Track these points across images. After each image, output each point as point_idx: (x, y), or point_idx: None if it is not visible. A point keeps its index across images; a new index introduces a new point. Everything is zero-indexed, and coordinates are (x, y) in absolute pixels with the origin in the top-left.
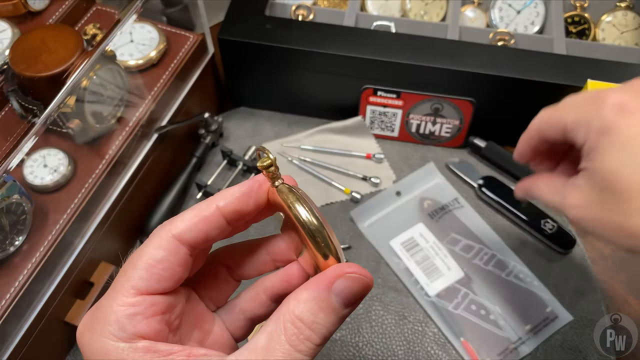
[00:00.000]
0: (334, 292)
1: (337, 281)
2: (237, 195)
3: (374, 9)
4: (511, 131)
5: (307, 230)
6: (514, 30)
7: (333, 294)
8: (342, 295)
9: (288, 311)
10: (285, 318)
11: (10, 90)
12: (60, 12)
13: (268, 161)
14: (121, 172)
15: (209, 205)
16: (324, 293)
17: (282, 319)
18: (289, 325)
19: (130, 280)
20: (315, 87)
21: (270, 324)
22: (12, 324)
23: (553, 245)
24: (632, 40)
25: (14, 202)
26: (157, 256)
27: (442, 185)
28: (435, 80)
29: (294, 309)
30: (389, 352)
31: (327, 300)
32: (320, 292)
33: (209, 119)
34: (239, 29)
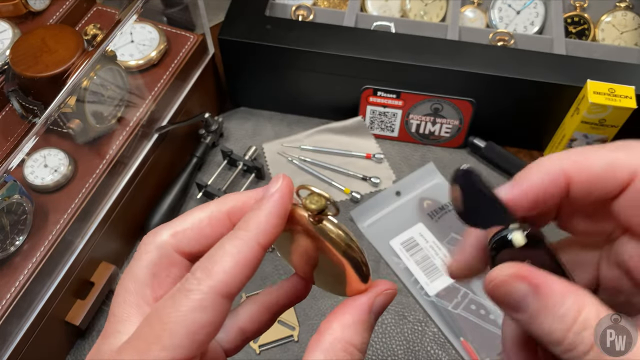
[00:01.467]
0: (373, 311)
1: (376, 300)
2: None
3: (374, 9)
4: (511, 131)
5: (354, 263)
6: (514, 31)
7: (372, 313)
8: (379, 311)
9: (337, 339)
10: (336, 347)
11: (11, 90)
12: (61, 13)
13: (320, 203)
14: (121, 172)
15: (249, 244)
16: (366, 315)
17: (332, 348)
18: (342, 353)
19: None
20: (315, 87)
21: (317, 354)
22: (12, 323)
23: None
24: (631, 40)
25: (14, 202)
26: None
27: (442, 185)
28: (435, 80)
29: (343, 336)
30: (389, 352)
31: (370, 320)
32: (363, 314)
33: (209, 119)
34: (239, 29)
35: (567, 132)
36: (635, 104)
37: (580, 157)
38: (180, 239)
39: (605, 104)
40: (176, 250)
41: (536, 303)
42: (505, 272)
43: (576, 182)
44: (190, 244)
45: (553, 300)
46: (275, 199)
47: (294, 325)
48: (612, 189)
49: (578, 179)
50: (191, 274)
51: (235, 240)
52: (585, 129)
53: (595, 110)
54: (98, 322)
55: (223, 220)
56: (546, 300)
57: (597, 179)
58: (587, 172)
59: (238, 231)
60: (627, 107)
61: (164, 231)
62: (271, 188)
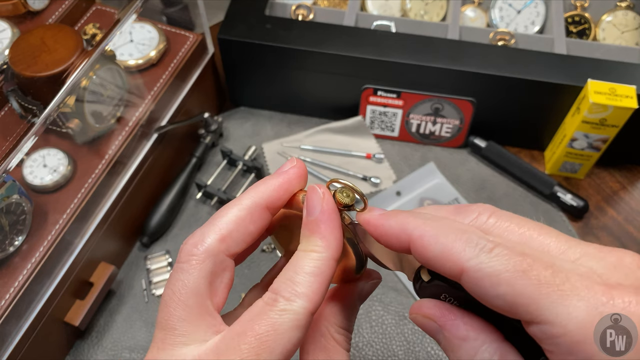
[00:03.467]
0: (359, 299)
1: (364, 288)
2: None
3: (374, 9)
4: (512, 131)
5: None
6: (514, 30)
7: (359, 298)
8: (364, 298)
9: (331, 323)
10: (331, 330)
11: (10, 90)
12: (60, 12)
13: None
14: (121, 172)
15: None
16: (355, 302)
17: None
18: (336, 335)
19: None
20: (315, 87)
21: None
22: (12, 324)
23: None
24: (632, 40)
25: (13, 202)
26: (294, 339)
27: (442, 185)
28: (435, 80)
29: (335, 321)
30: (389, 352)
31: (357, 306)
32: (353, 301)
33: (209, 119)
34: (239, 29)
35: (568, 132)
36: (636, 103)
37: (427, 233)
38: (229, 244)
39: (606, 103)
40: (227, 254)
41: (443, 339)
42: (417, 309)
43: (415, 253)
44: (238, 245)
45: (452, 343)
46: (329, 216)
47: None
48: (448, 274)
49: (417, 250)
50: (276, 293)
51: (313, 261)
52: (586, 128)
53: (596, 110)
54: (97, 323)
55: (263, 213)
56: (449, 341)
57: (433, 261)
58: (425, 252)
59: (311, 252)
60: (628, 106)
61: (210, 237)
62: (317, 202)
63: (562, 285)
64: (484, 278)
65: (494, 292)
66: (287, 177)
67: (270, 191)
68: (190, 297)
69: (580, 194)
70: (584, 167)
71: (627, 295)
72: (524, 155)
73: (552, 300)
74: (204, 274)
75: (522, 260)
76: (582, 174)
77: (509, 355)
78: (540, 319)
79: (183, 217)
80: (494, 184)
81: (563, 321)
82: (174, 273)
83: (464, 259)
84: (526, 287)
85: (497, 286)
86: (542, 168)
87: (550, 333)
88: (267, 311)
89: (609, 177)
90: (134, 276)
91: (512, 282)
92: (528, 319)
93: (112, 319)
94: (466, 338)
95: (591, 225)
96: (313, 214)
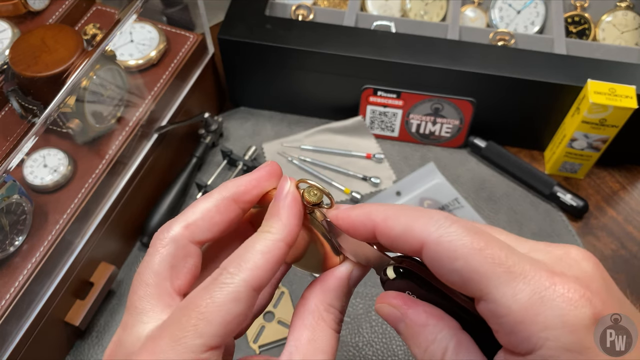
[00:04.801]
0: (351, 279)
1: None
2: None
3: (374, 9)
4: (511, 131)
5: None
6: (514, 30)
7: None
8: (355, 280)
9: (320, 301)
10: (320, 308)
11: (10, 90)
12: (60, 12)
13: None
14: (121, 172)
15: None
16: (345, 281)
17: (317, 309)
18: (325, 313)
19: (203, 336)
20: (315, 87)
21: (305, 317)
22: (12, 324)
23: None
24: (632, 40)
25: (14, 202)
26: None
27: (442, 185)
28: (435, 80)
29: (324, 298)
30: (389, 352)
31: (348, 286)
32: (342, 281)
33: (209, 119)
34: (239, 29)
35: (568, 132)
36: (636, 103)
37: (390, 215)
38: (193, 230)
39: (606, 103)
40: (190, 241)
41: (404, 328)
42: (382, 299)
43: (380, 235)
44: (203, 233)
45: (413, 330)
46: (290, 203)
47: None
48: (409, 250)
49: (381, 232)
50: (223, 269)
51: (264, 241)
52: (585, 128)
53: (596, 110)
54: (97, 323)
55: (230, 205)
56: (410, 328)
57: (396, 239)
58: (388, 231)
59: (265, 233)
60: (628, 107)
61: (176, 225)
62: (282, 191)
63: (513, 267)
64: (443, 252)
65: (451, 266)
66: (257, 174)
67: (238, 186)
68: (150, 277)
69: (580, 194)
70: (584, 167)
71: (567, 282)
72: (523, 155)
73: (502, 280)
74: (165, 257)
75: (478, 238)
76: (581, 174)
77: (465, 341)
78: (488, 297)
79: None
80: (493, 184)
81: (507, 302)
82: (143, 258)
83: (425, 233)
84: (480, 264)
85: (454, 260)
86: (542, 168)
87: (495, 312)
88: (210, 285)
89: (608, 177)
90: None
91: (468, 258)
92: (478, 296)
93: (112, 319)
94: (426, 324)
95: (591, 225)
96: (278, 200)
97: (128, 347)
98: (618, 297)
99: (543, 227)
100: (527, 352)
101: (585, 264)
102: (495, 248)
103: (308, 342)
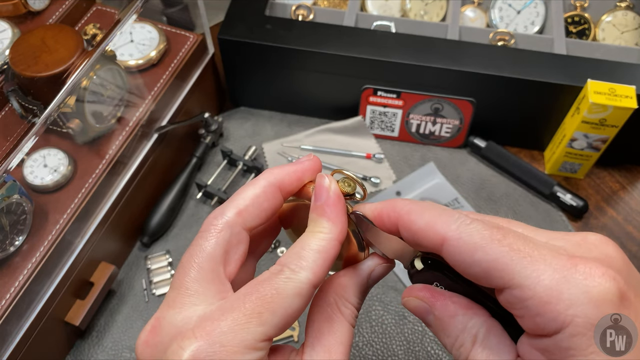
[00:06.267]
0: (372, 277)
1: (376, 269)
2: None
3: (374, 9)
4: (511, 131)
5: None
6: (514, 30)
7: (371, 279)
8: (375, 279)
9: (338, 295)
10: (339, 303)
11: (11, 90)
12: (61, 12)
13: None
14: (121, 172)
15: (332, 243)
16: (365, 279)
17: (335, 304)
18: (342, 307)
19: (265, 325)
20: (315, 87)
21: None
22: (12, 323)
23: None
24: (632, 40)
25: (14, 202)
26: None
27: (442, 185)
28: (435, 80)
29: (342, 294)
30: (389, 352)
31: (367, 284)
32: (362, 278)
33: (209, 119)
34: (239, 29)
35: (568, 132)
36: (635, 103)
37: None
38: (245, 217)
39: (606, 103)
40: (243, 227)
41: (433, 320)
42: (409, 292)
43: (402, 228)
44: (253, 219)
45: (442, 321)
46: (335, 201)
47: (294, 326)
48: (429, 244)
49: (404, 225)
50: (284, 265)
51: (319, 241)
52: (585, 128)
53: (596, 110)
54: (97, 322)
55: (275, 192)
56: (439, 319)
57: (418, 232)
58: (411, 224)
59: (318, 233)
60: (628, 107)
61: (229, 210)
62: (323, 188)
63: (532, 253)
64: (462, 246)
65: (471, 259)
66: (301, 166)
67: (284, 175)
68: (205, 261)
69: (580, 194)
70: (584, 167)
71: (589, 263)
72: (523, 155)
73: (523, 265)
74: (221, 242)
75: (497, 231)
76: (581, 174)
77: (495, 328)
78: (511, 284)
79: (183, 217)
80: (493, 184)
81: (532, 284)
82: (194, 241)
83: (446, 229)
84: (500, 254)
85: (474, 253)
86: (542, 168)
87: (520, 296)
88: (273, 278)
89: (608, 177)
90: (134, 276)
91: (488, 249)
92: (500, 285)
93: (112, 319)
94: (455, 314)
95: (591, 225)
96: (320, 199)
97: (178, 324)
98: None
99: (543, 227)
100: (555, 332)
101: (605, 247)
102: (512, 238)
103: (329, 333)
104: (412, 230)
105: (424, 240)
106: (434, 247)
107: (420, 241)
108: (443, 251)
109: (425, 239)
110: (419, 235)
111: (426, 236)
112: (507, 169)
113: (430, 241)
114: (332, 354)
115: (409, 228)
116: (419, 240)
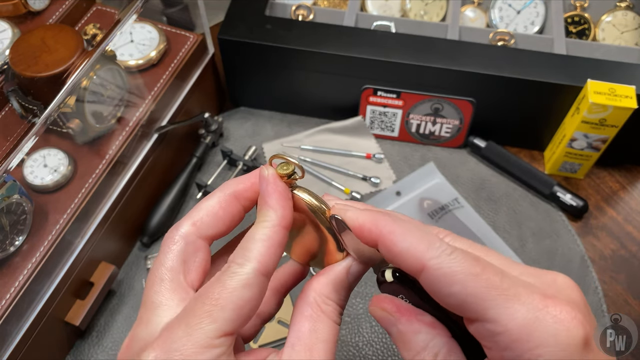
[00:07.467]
0: (351, 273)
1: (352, 267)
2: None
3: (374, 9)
4: (511, 131)
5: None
6: (514, 30)
7: (350, 276)
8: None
9: (318, 294)
10: (318, 300)
11: (11, 90)
12: (61, 12)
13: (289, 168)
14: (121, 172)
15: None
16: (344, 275)
17: (315, 301)
18: (323, 305)
19: (217, 321)
20: (315, 87)
21: (304, 309)
22: (12, 323)
23: None
24: (632, 40)
25: (14, 202)
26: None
27: (442, 185)
28: (435, 80)
29: (322, 291)
30: (389, 352)
31: (348, 280)
32: (341, 275)
33: (209, 119)
34: (239, 29)
35: (568, 132)
36: (635, 103)
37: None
38: (199, 227)
39: (606, 103)
40: (198, 236)
41: (396, 332)
42: (376, 302)
43: (382, 246)
44: (209, 228)
45: (405, 336)
46: (272, 188)
47: None
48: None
49: (383, 244)
50: (231, 262)
51: (262, 229)
52: (585, 128)
53: (596, 110)
54: (97, 322)
55: (231, 201)
56: (402, 334)
57: (397, 255)
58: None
59: (261, 223)
60: (628, 107)
61: (184, 223)
62: (262, 179)
63: (508, 290)
64: (441, 277)
65: (448, 291)
66: (254, 173)
67: (237, 183)
68: (165, 273)
69: (580, 193)
70: (584, 167)
71: (559, 306)
72: (523, 155)
73: (498, 302)
74: (177, 254)
75: (475, 264)
76: (581, 174)
77: (454, 350)
78: (485, 318)
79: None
80: (493, 184)
81: (504, 321)
82: (155, 258)
83: (427, 257)
84: (477, 289)
85: (452, 285)
86: (542, 168)
87: (492, 330)
88: (220, 276)
89: (608, 177)
90: (134, 276)
91: (465, 282)
92: (474, 317)
93: (112, 319)
94: (418, 331)
95: (591, 225)
96: (261, 189)
97: (145, 339)
98: (594, 325)
99: (543, 227)
100: None
101: (571, 291)
102: (490, 273)
103: (309, 332)
104: (392, 252)
105: (402, 263)
106: (411, 272)
107: (399, 264)
108: (421, 278)
109: (404, 263)
110: (398, 258)
111: (405, 260)
112: (507, 169)
113: (409, 266)
114: (313, 352)
115: (390, 249)
116: (397, 262)
